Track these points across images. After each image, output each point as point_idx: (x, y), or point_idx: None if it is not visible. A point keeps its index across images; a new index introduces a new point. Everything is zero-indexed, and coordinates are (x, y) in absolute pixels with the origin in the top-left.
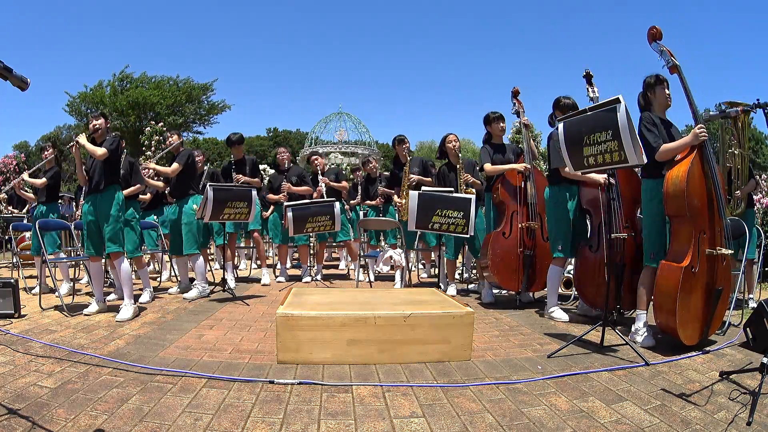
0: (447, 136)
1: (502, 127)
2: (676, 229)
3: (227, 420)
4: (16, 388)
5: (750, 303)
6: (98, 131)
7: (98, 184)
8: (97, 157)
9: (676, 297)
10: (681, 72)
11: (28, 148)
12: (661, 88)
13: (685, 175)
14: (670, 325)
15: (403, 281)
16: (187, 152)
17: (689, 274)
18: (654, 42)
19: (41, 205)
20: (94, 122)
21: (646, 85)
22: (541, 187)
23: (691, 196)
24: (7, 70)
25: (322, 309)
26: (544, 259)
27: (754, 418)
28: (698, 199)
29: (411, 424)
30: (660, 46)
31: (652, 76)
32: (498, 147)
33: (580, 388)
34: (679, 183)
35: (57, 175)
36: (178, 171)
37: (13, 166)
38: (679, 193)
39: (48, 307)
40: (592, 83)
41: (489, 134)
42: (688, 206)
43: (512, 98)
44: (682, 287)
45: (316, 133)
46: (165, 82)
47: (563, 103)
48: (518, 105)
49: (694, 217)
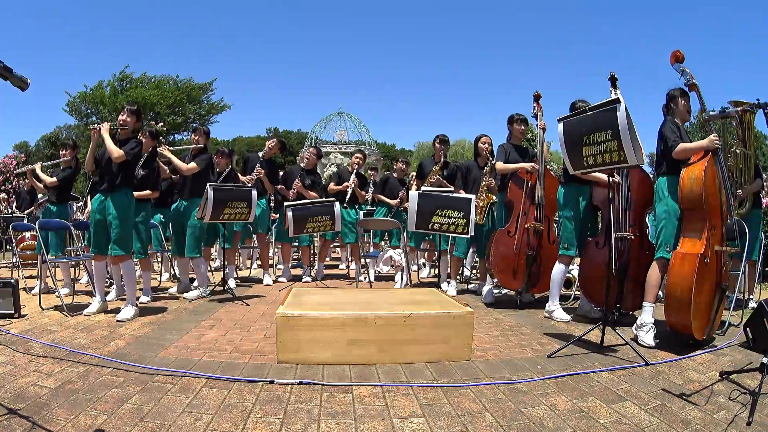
0: (481, 137)
1: (522, 130)
2: (689, 221)
3: (227, 420)
4: (16, 388)
5: (750, 303)
6: (125, 127)
7: (111, 183)
8: (114, 158)
9: (692, 286)
10: (698, 90)
11: (28, 148)
12: (683, 102)
13: (702, 173)
14: (683, 319)
15: (403, 281)
16: (208, 156)
17: (703, 264)
18: (676, 63)
19: (50, 204)
20: (124, 116)
21: (670, 97)
22: (550, 190)
23: (707, 193)
24: (7, 70)
25: (322, 309)
26: (548, 261)
27: (754, 418)
28: (712, 197)
29: (411, 424)
30: (681, 67)
31: (676, 89)
32: (518, 148)
33: (580, 388)
34: (698, 176)
35: (70, 177)
36: (194, 172)
37: (13, 166)
38: (697, 187)
39: (48, 307)
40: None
41: (510, 134)
42: (705, 200)
43: (534, 101)
44: (697, 275)
45: (316, 133)
46: (165, 82)
47: (578, 107)
48: (538, 108)
49: (707, 211)
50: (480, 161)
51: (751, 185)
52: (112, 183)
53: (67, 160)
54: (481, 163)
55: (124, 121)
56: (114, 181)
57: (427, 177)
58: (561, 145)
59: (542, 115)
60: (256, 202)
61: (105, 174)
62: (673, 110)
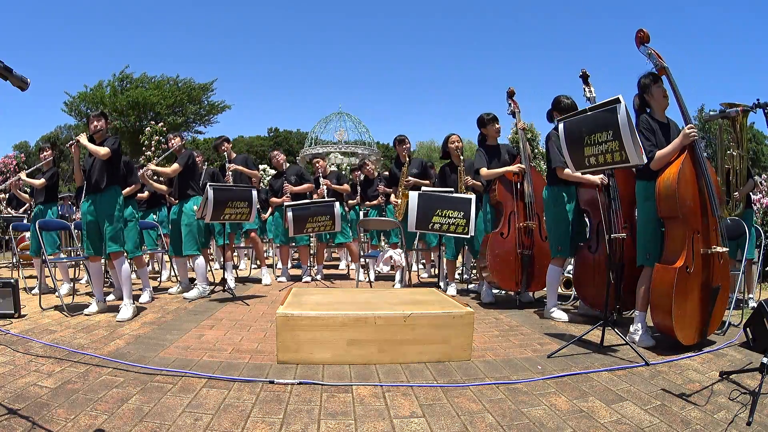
0: (450, 136)
1: (497, 128)
2: (669, 230)
3: (227, 420)
4: (16, 388)
5: (750, 303)
6: (99, 132)
7: (98, 184)
8: (100, 157)
9: (672, 298)
10: (669, 74)
11: (28, 148)
12: (657, 88)
13: (676, 177)
14: (667, 325)
15: (403, 281)
16: (187, 153)
17: (684, 275)
18: (642, 45)
19: (40, 205)
20: (95, 123)
21: (642, 87)
22: (538, 187)
23: (682, 198)
24: (7, 70)
25: (322, 309)
26: (543, 258)
27: (754, 418)
28: (691, 200)
29: (411, 424)
30: (648, 49)
31: (647, 75)
32: (492, 149)
33: (580, 388)
34: (671, 185)
35: (56, 175)
36: (179, 171)
37: (13, 166)
38: (671, 195)
39: (48, 307)
40: (588, 83)
41: (483, 136)
42: (680, 207)
43: (507, 99)
44: (677, 288)
45: (316, 133)
46: (165, 82)
47: (563, 103)
48: (514, 105)
49: (686, 217)
50: (455, 161)
51: (745, 186)
52: (99, 183)
53: (48, 161)
54: (456, 162)
55: (96, 127)
56: (101, 182)
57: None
58: (562, 144)
59: (519, 112)
60: (256, 203)
61: (91, 178)
62: (649, 101)
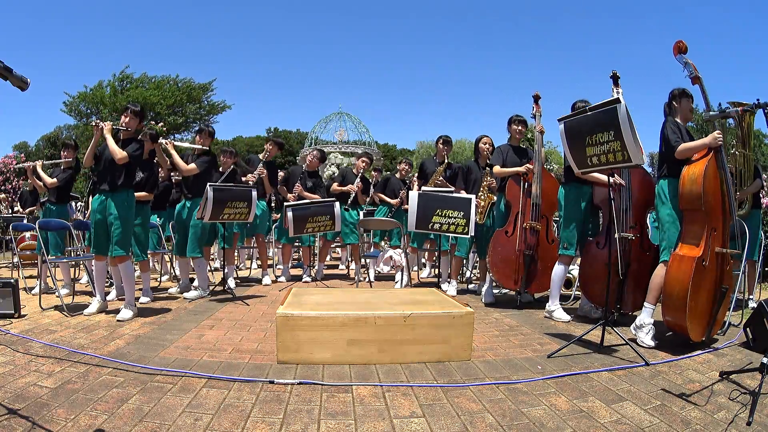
0: (482, 137)
1: (520, 131)
2: (688, 223)
3: (227, 420)
4: (16, 388)
5: (750, 303)
6: (127, 130)
7: (112, 184)
8: (116, 160)
9: (687, 288)
10: (702, 83)
11: (28, 149)
12: (686, 100)
13: (702, 171)
14: (679, 320)
15: (403, 281)
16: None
17: (700, 267)
18: (679, 54)
19: (49, 204)
20: (126, 118)
21: (672, 96)
22: (550, 190)
23: (707, 192)
24: (7, 70)
25: (322, 309)
26: (546, 261)
27: (754, 418)
28: (712, 197)
29: (411, 424)
30: (684, 58)
31: (679, 89)
32: (516, 149)
33: (580, 388)
34: (697, 178)
35: (70, 177)
36: (193, 173)
37: (13, 166)
38: (696, 187)
39: (48, 307)
40: (618, 84)
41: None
42: (704, 201)
43: (533, 103)
44: (693, 279)
45: (316, 133)
46: (165, 82)
47: (579, 107)
48: (537, 109)
49: (707, 212)
50: (481, 161)
51: (750, 186)
52: (114, 183)
53: (68, 161)
54: (482, 163)
55: (126, 124)
56: (115, 182)
57: (429, 177)
58: (563, 144)
59: (541, 116)
60: (256, 202)
61: (106, 174)
62: (675, 109)
